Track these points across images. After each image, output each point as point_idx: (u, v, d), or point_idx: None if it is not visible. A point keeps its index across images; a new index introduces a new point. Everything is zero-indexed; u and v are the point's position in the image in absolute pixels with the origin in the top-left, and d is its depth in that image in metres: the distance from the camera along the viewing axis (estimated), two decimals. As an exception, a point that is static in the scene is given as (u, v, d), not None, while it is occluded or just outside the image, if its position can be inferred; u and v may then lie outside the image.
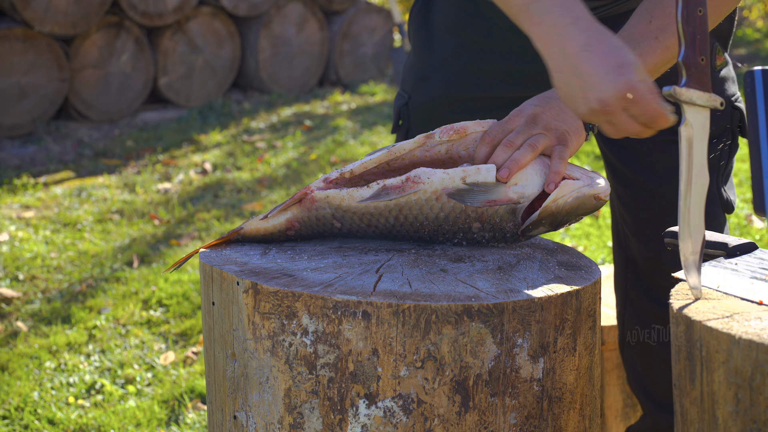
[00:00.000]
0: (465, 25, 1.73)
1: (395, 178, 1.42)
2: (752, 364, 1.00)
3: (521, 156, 1.38)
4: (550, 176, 1.38)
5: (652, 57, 1.41)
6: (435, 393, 1.27)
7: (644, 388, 1.87)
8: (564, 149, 1.40)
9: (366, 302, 1.25)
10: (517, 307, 1.28)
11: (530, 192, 1.40)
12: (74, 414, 2.59)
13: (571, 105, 1.27)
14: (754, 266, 1.27)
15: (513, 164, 1.37)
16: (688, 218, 1.17)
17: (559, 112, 1.41)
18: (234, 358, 1.35)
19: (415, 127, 1.81)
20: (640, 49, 1.41)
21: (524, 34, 1.68)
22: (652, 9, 1.44)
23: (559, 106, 1.42)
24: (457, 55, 1.74)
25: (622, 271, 1.83)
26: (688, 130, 1.16)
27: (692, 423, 1.11)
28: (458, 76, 1.75)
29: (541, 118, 1.41)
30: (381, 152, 1.47)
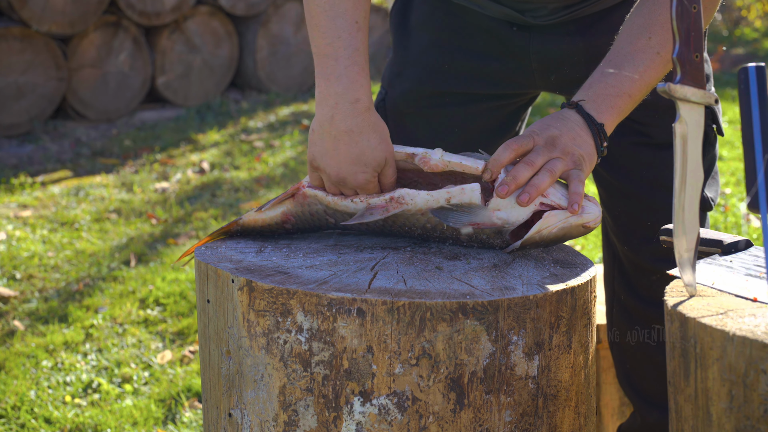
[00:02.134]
0: (438, 23, 1.75)
1: (379, 198, 1.42)
2: (746, 360, 1.00)
3: (540, 181, 1.38)
4: (572, 197, 1.38)
5: (655, 72, 1.44)
6: (430, 390, 1.27)
7: (633, 385, 1.88)
8: (581, 172, 1.41)
9: (361, 299, 1.25)
10: (512, 304, 1.28)
11: (515, 220, 1.40)
12: (71, 413, 2.59)
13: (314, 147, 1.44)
14: (749, 263, 1.27)
15: (533, 189, 1.37)
16: (683, 215, 1.17)
17: (575, 137, 1.42)
18: (229, 355, 1.35)
19: (391, 121, 1.82)
20: (643, 66, 1.44)
21: (495, 35, 1.73)
22: (649, 25, 1.46)
23: (575, 130, 1.43)
24: (429, 52, 1.77)
25: (609, 270, 1.85)
26: (683, 127, 1.16)
27: (686, 420, 1.11)
28: (430, 72, 1.77)
29: (560, 141, 1.41)
30: None
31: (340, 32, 1.43)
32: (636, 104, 1.48)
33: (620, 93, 1.45)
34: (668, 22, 1.42)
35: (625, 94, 1.44)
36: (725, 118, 5.72)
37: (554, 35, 1.69)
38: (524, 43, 1.71)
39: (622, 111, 1.46)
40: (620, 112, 1.46)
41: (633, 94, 1.45)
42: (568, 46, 1.70)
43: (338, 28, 1.43)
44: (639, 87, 1.45)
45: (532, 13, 1.66)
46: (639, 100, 1.48)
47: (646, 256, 1.74)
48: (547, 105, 6.09)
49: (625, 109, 1.46)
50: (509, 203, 1.39)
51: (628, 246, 1.77)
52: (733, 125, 5.58)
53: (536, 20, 1.67)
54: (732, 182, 4.43)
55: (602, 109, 1.44)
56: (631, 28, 1.48)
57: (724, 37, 8.21)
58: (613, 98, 1.45)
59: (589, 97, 1.45)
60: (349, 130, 1.42)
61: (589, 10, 1.67)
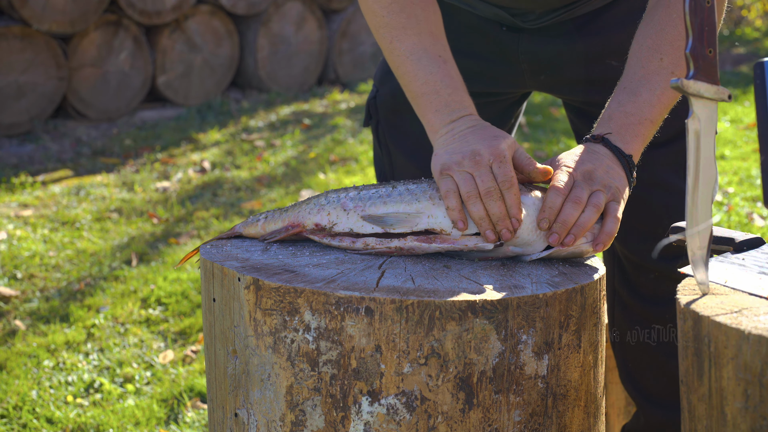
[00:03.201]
0: None
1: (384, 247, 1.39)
2: (762, 359, 0.99)
3: (587, 220, 1.36)
4: (603, 236, 1.38)
5: (672, 93, 1.44)
6: (439, 390, 1.25)
7: (635, 385, 1.87)
8: (618, 207, 1.39)
9: (369, 298, 1.23)
10: (521, 303, 1.26)
11: (531, 251, 1.40)
12: (73, 413, 2.57)
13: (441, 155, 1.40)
14: (762, 261, 1.25)
15: (579, 230, 1.36)
16: (696, 213, 1.16)
17: (608, 170, 1.41)
18: (235, 355, 1.34)
19: (383, 118, 1.84)
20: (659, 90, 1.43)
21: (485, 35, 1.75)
22: (659, 45, 1.46)
23: (607, 163, 1.42)
24: None
25: (610, 269, 1.86)
26: (696, 123, 1.15)
27: (700, 419, 1.10)
28: None
29: (596, 174, 1.40)
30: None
31: (431, 68, 1.46)
32: (657, 127, 1.47)
33: (642, 120, 1.44)
34: (678, 41, 1.42)
35: (647, 121, 1.44)
36: (726, 117, 5.70)
37: (543, 37, 1.70)
38: (514, 43, 1.72)
39: (645, 138, 1.46)
40: (644, 139, 1.45)
41: (654, 119, 1.45)
42: (557, 48, 1.70)
43: (427, 67, 1.46)
44: (659, 111, 1.44)
45: (522, 17, 1.68)
46: (660, 123, 1.47)
47: (644, 255, 1.73)
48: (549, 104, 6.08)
49: (648, 135, 1.46)
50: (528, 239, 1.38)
51: (626, 245, 1.77)
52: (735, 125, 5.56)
53: (525, 23, 1.69)
54: (735, 181, 4.42)
55: (627, 139, 1.44)
56: (641, 51, 1.47)
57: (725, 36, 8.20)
58: (636, 127, 1.44)
59: (614, 129, 1.45)
60: (472, 129, 1.43)
61: (578, 12, 1.68)
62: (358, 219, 1.41)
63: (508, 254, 1.41)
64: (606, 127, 1.46)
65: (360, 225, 1.40)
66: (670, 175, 1.71)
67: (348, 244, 1.41)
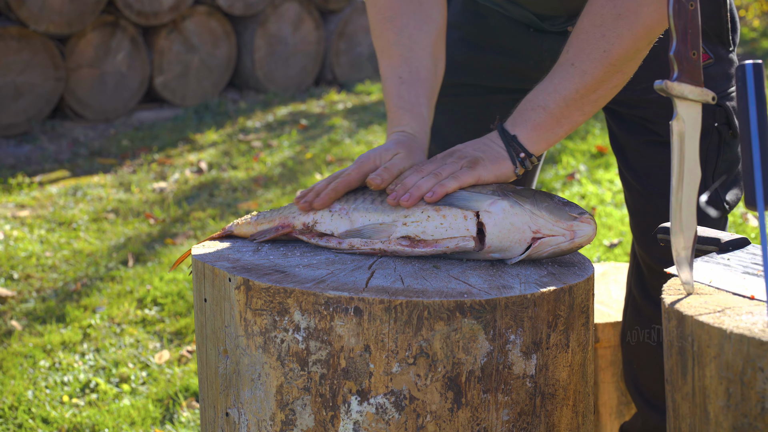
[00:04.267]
0: (467, 21, 1.87)
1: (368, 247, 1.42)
2: (743, 358, 1.00)
3: (418, 189, 1.41)
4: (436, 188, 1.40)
5: (569, 83, 1.46)
6: (427, 389, 1.26)
7: (637, 387, 1.89)
8: (469, 171, 1.42)
9: (358, 298, 1.25)
10: (509, 303, 1.27)
11: (510, 257, 1.41)
12: (68, 413, 2.58)
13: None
14: (747, 261, 1.27)
15: (415, 191, 1.41)
16: (680, 213, 1.17)
17: (480, 146, 1.47)
18: (226, 354, 1.35)
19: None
20: (557, 79, 1.46)
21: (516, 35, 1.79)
22: (570, 40, 1.49)
23: (482, 143, 1.48)
24: (456, 46, 1.87)
25: (630, 270, 1.89)
26: (680, 125, 1.16)
27: (684, 418, 1.11)
28: (454, 64, 1.87)
29: (459, 150, 1.47)
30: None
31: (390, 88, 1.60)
32: (561, 117, 1.48)
33: (534, 106, 1.47)
34: (581, 32, 1.45)
35: (538, 107, 1.47)
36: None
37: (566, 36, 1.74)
38: (538, 42, 1.79)
39: (537, 123, 1.47)
40: (536, 124, 1.47)
41: (548, 105, 1.47)
42: None
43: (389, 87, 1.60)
44: (554, 99, 1.46)
45: (551, 21, 1.75)
46: (563, 113, 1.48)
47: (656, 257, 1.75)
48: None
49: (541, 121, 1.47)
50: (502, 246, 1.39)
51: (642, 246, 1.79)
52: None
53: (553, 27, 1.76)
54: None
55: (516, 122, 1.48)
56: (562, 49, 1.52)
57: (722, 36, 8.19)
58: (527, 112, 1.48)
59: (510, 116, 1.51)
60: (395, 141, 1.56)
61: None
62: (340, 222, 1.44)
63: (490, 258, 1.42)
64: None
65: (340, 229, 1.43)
66: None
67: (335, 245, 1.43)
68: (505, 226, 1.38)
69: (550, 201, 1.42)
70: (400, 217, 1.42)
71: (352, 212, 1.45)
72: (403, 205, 1.40)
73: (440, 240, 1.40)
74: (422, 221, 1.41)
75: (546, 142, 1.49)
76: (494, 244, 1.39)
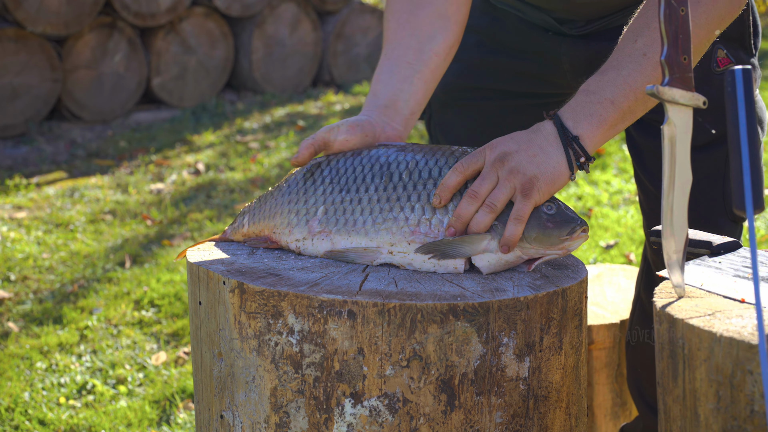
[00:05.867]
0: (484, 25, 1.88)
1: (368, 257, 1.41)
2: (733, 361, 1.01)
3: (480, 223, 1.34)
4: (504, 240, 1.33)
5: (641, 75, 1.35)
6: (421, 392, 1.27)
7: (640, 390, 1.90)
8: (526, 202, 1.32)
9: (351, 301, 1.25)
10: (502, 306, 1.28)
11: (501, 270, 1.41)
12: (65, 414, 2.59)
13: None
14: (738, 264, 1.27)
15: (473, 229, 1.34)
16: (671, 217, 1.18)
17: (536, 153, 1.34)
18: (221, 357, 1.35)
19: (435, 111, 1.96)
20: (627, 70, 1.35)
21: (532, 39, 1.83)
22: (638, 29, 1.38)
23: (539, 144, 1.35)
24: (473, 50, 1.89)
25: (640, 274, 1.89)
26: (671, 129, 1.17)
27: (675, 420, 1.12)
28: (470, 68, 1.89)
29: (512, 159, 1.34)
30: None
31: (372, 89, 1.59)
32: (627, 112, 1.36)
33: (602, 100, 1.35)
34: (655, 22, 1.35)
35: (606, 100, 1.34)
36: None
37: (585, 40, 1.76)
38: (557, 45, 1.79)
39: (604, 119, 1.35)
40: (602, 120, 1.35)
41: (616, 99, 1.34)
42: (596, 49, 1.74)
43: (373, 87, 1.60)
44: (623, 91, 1.34)
45: (570, 24, 1.75)
46: (630, 108, 1.36)
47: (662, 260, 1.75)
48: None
49: (608, 117, 1.35)
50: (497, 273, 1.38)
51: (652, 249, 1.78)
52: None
53: (572, 31, 1.75)
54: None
55: (579, 118, 1.35)
56: (622, 37, 1.42)
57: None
58: (594, 105, 1.35)
59: (568, 107, 1.37)
60: None
61: (622, 20, 1.71)
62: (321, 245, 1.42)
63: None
64: (565, 104, 1.39)
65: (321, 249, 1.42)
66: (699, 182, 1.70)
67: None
68: (498, 265, 1.37)
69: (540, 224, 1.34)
70: (385, 245, 1.38)
71: (334, 235, 1.41)
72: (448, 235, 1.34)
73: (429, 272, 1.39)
74: (409, 253, 1.37)
75: (604, 142, 1.36)
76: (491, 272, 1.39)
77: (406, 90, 1.54)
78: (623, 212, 4.09)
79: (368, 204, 1.41)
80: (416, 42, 1.58)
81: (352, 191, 1.43)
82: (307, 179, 1.49)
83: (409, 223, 1.37)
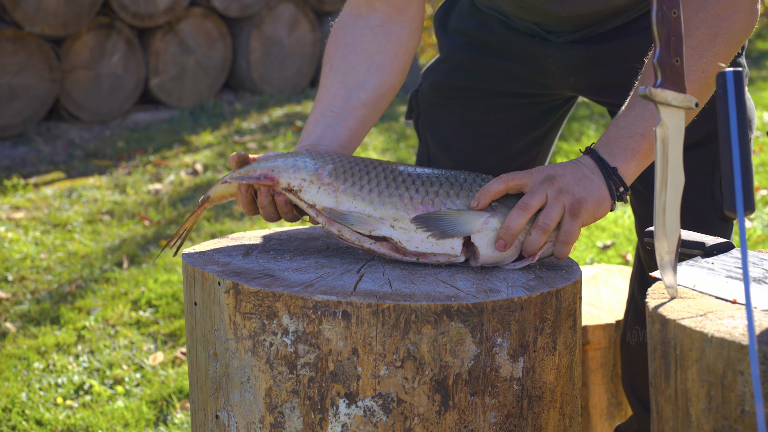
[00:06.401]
0: (472, 28, 1.89)
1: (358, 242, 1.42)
2: (724, 362, 1.01)
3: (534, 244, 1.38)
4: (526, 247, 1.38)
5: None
6: (415, 392, 1.28)
7: (634, 390, 1.90)
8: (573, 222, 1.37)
9: (346, 302, 1.26)
10: (496, 306, 1.29)
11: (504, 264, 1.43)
12: (62, 415, 2.59)
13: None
14: (730, 265, 1.28)
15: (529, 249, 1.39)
16: (663, 218, 1.18)
17: (581, 178, 1.40)
18: (216, 357, 1.36)
19: (422, 111, 1.97)
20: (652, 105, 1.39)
21: (521, 43, 1.84)
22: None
23: (583, 172, 1.40)
24: (462, 51, 1.90)
25: (634, 274, 1.90)
26: (663, 131, 1.18)
27: (667, 420, 1.12)
28: (459, 68, 1.90)
29: (559, 180, 1.39)
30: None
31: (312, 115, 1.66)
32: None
33: (631, 134, 1.41)
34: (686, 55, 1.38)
35: (636, 135, 1.41)
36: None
37: (571, 44, 1.76)
38: (542, 48, 1.80)
39: (637, 152, 1.42)
40: (635, 153, 1.42)
41: (645, 132, 1.41)
42: (582, 52, 1.76)
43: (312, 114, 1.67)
44: (650, 125, 1.40)
45: (556, 34, 1.76)
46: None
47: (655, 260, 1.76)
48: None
49: (639, 149, 1.42)
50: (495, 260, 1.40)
51: (645, 250, 1.79)
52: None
53: (558, 39, 1.76)
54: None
55: (614, 152, 1.42)
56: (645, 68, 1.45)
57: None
58: (625, 140, 1.42)
59: (602, 142, 1.44)
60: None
61: (609, 25, 1.73)
62: (325, 197, 1.42)
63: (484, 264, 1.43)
64: (599, 140, 1.46)
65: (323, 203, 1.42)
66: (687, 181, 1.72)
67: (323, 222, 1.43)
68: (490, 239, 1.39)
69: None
70: (388, 218, 1.41)
71: (340, 193, 1.42)
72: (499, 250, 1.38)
73: (425, 254, 1.40)
74: (410, 230, 1.40)
75: (639, 172, 1.44)
76: (487, 260, 1.40)
77: (328, 137, 1.61)
78: (620, 213, 4.10)
79: (375, 177, 1.44)
80: (344, 90, 1.63)
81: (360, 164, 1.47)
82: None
83: (413, 200, 1.41)
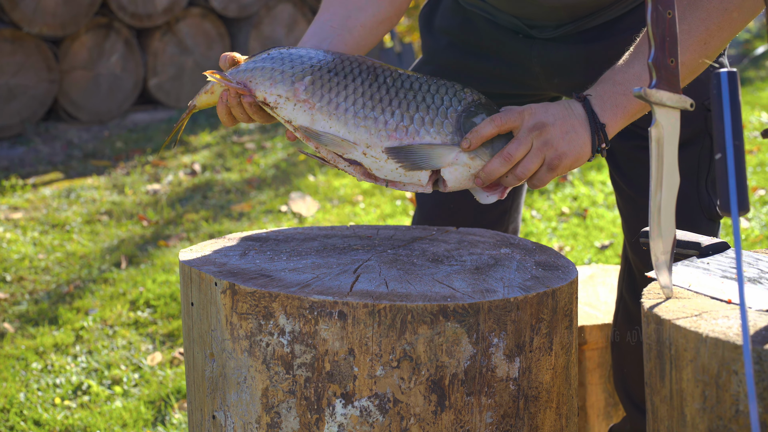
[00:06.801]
0: (456, 27, 1.88)
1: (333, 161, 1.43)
2: (718, 362, 1.02)
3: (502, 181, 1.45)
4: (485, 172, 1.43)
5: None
6: (411, 392, 1.28)
7: (626, 390, 1.90)
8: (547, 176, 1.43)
9: (342, 302, 1.26)
10: (492, 306, 1.29)
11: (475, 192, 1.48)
12: (60, 415, 2.59)
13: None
14: (726, 265, 1.28)
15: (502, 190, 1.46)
16: (659, 218, 1.19)
17: (568, 131, 1.42)
18: (212, 358, 1.36)
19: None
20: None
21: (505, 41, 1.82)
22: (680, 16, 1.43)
23: (572, 123, 1.42)
24: (446, 52, 1.89)
25: (622, 274, 1.89)
26: (658, 131, 1.18)
27: (662, 420, 1.13)
28: (442, 69, 1.89)
29: (547, 131, 1.42)
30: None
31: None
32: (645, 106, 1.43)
33: (626, 92, 1.42)
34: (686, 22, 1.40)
35: (631, 94, 1.42)
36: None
37: (556, 43, 1.75)
38: (527, 48, 1.79)
39: (628, 111, 1.43)
40: (626, 111, 1.43)
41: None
42: (566, 52, 1.75)
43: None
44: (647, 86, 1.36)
45: (539, 29, 1.75)
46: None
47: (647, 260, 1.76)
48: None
49: (630, 108, 1.43)
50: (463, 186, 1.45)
51: (633, 249, 1.80)
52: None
53: (542, 34, 1.76)
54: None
55: (606, 107, 1.43)
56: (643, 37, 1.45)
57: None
58: (619, 97, 1.43)
59: (597, 93, 1.44)
60: None
61: (594, 22, 1.71)
62: (301, 115, 1.43)
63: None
64: (592, 90, 1.46)
65: (299, 121, 1.43)
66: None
67: (300, 137, 1.44)
68: (464, 179, 1.43)
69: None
70: (361, 143, 1.42)
71: (316, 111, 1.43)
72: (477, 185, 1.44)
73: (394, 182, 1.42)
74: (381, 159, 1.42)
75: (621, 129, 1.46)
76: (455, 188, 1.44)
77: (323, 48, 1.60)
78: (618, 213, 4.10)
79: (353, 93, 1.44)
80: (344, 10, 1.64)
81: (339, 75, 1.46)
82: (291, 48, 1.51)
83: (387, 126, 1.42)
